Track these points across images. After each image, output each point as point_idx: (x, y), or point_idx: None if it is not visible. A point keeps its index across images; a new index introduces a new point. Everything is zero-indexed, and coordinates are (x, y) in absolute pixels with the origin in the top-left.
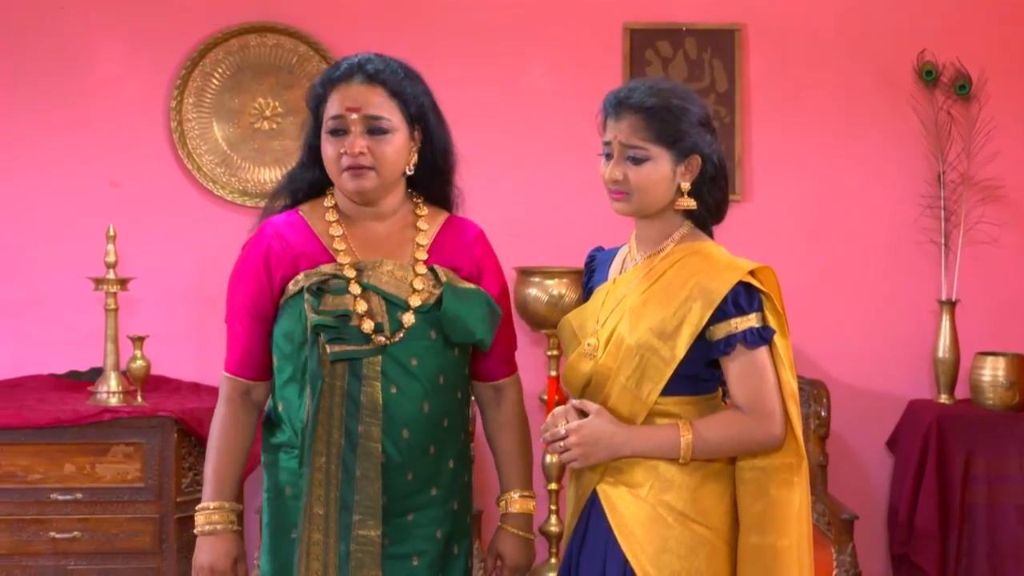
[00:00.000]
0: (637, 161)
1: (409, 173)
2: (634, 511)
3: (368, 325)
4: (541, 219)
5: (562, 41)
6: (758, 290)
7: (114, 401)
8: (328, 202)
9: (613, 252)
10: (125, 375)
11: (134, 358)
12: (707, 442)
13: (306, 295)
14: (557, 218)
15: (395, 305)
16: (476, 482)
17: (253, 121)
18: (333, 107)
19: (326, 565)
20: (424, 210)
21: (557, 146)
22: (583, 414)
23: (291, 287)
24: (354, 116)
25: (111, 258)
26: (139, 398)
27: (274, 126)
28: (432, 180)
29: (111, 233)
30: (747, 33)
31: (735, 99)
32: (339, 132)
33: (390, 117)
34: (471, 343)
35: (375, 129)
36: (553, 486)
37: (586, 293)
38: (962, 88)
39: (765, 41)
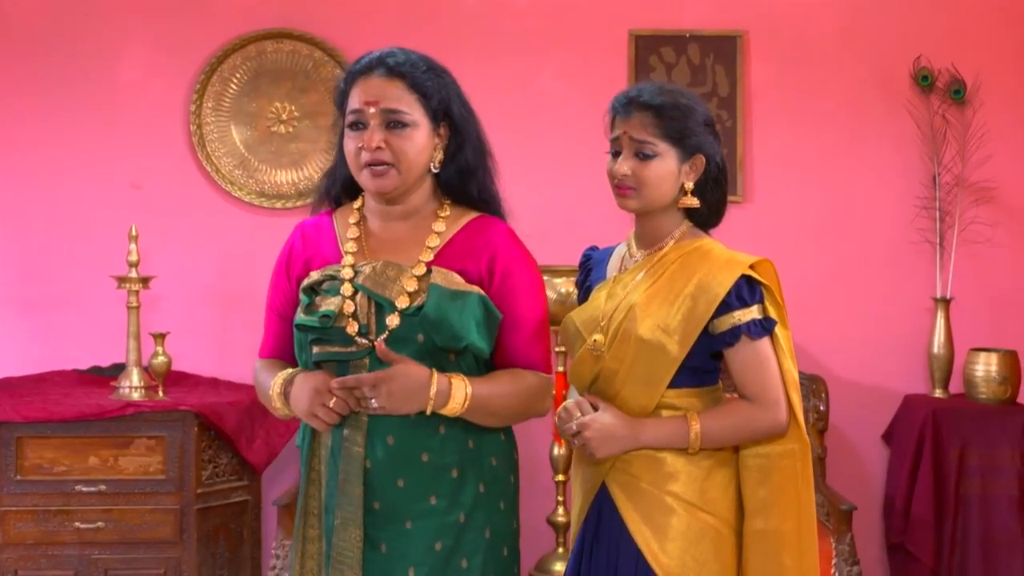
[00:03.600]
0: (645, 157)
1: (435, 170)
2: (644, 502)
3: (353, 327)
4: (551, 219)
5: (571, 47)
6: (759, 282)
7: (136, 396)
8: (357, 203)
9: (609, 251)
10: (147, 371)
11: (156, 354)
12: (715, 431)
13: (300, 295)
14: (566, 218)
15: (382, 307)
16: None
17: (270, 125)
18: (353, 101)
19: (320, 564)
20: (447, 210)
21: (566, 147)
22: (595, 408)
23: (300, 287)
24: (372, 110)
25: (133, 257)
26: (160, 393)
27: (290, 129)
28: (460, 178)
29: (133, 233)
30: (748, 40)
31: (736, 103)
32: (358, 126)
33: (410, 111)
34: (460, 348)
35: (394, 123)
36: (560, 477)
37: (583, 292)
38: (957, 93)
39: (766, 47)
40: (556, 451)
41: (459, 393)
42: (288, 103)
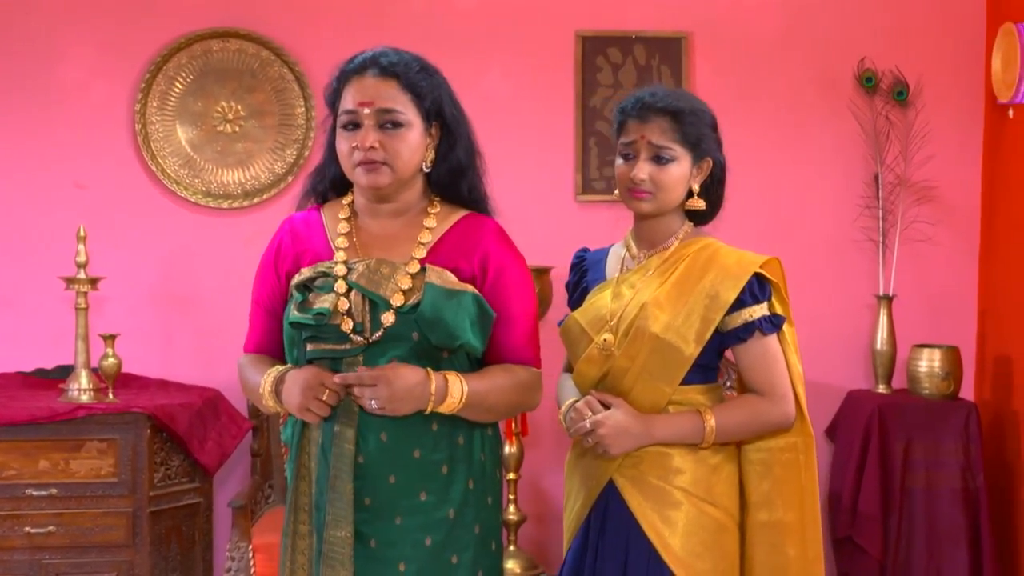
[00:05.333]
0: (663, 161)
1: (426, 170)
2: (653, 495)
3: (348, 324)
4: (498, 219)
5: (518, 48)
6: (768, 280)
7: (85, 398)
8: (347, 199)
9: (603, 252)
10: (95, 372)
11: (106, 356)
12: (728, 426)
13: (292, 291)
14: (514, 217)
15: (377, 304)
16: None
17: (216, 124)
18: (346, 101)
19: (311, 560)
20: (437, 208)
21: (514, 148)
22: (604, 405)
23: (291, 283)
24: (367, 110)
25: (82, 258)
26: (111, 395)
27: (236, 129)
28: (451, 177)
29: (82, 234)
30: (693, 41)
31: None
32: (352, 126)
33: (404, 111)
34: (456, 347)
35: (388, 123)
36: (511, 476)
37: (578, 293)
38: (900, 94)
39: (711, 48)
40: (508, 449)
41: (455, 390)
42: (234, 102)
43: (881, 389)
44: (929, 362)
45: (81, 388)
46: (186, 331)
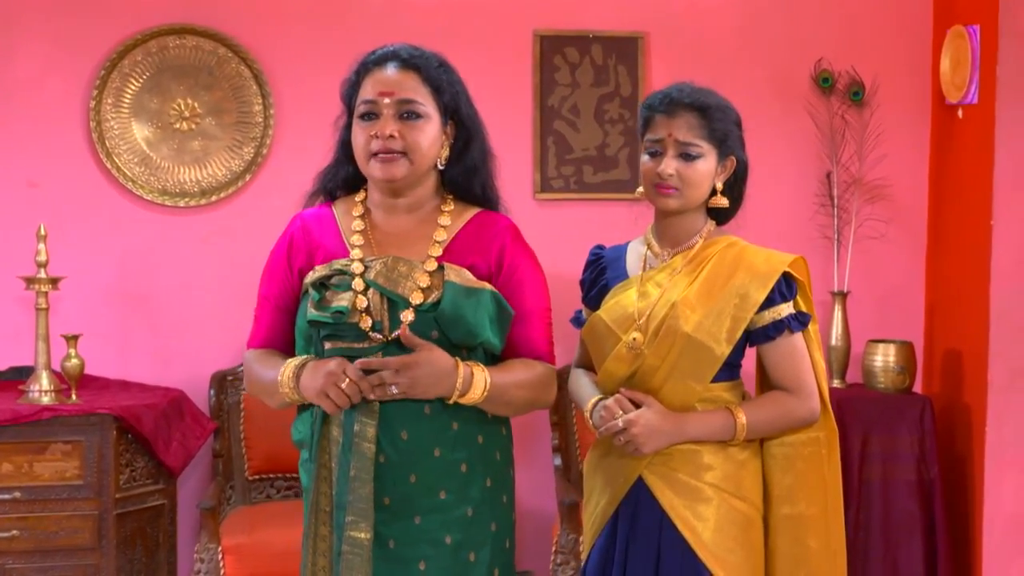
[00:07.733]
0: (691, 158)
1: (440, 167)
2: (684, 491)
3: (366, 323)
4: None
5: (476, 47)
6: (794, 279)
7: (47, 400)
8: (359, 196)
9: (620, 249)
10: (56, 373)
11: (68, 356)
12: (758, 423)
13: (309, 289)
14: None
15: (395, 303)
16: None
17: (172, 121)
18: (366, 92)
19: (331, 561)
20: (451, 205)
21: None
22: (635, 404)
23: (306, 280)
24: (387, 100)
25: (42, 257)
26: (74, 396)
27: (193, 127)
28: (466, 176)
29: (42, 232)
30: (649, 40)
31: (638, 103)
32: (370, 116)
33: (424, 103)
34: (476, 344)
35: (407, 114)
36: None
37: (596, 290)
38: (856, 95)
39: (667, 48)
40: None
41: (479, 382)
42: (191, 100)
43: (836, 384)
44: (884, 357)
45: (43, 390)
46: (144, 331)
